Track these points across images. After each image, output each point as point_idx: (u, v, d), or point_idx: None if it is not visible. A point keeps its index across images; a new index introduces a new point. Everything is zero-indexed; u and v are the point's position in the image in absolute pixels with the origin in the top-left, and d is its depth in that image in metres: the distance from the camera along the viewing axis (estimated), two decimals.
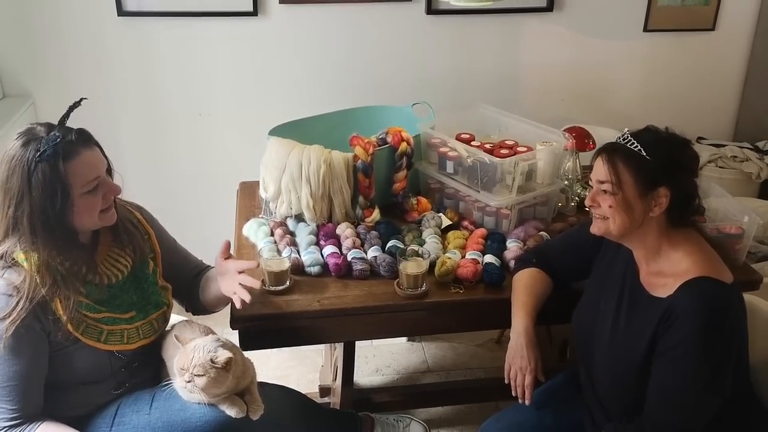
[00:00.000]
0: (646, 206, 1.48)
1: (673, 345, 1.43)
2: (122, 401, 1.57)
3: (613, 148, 1.51)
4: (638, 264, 1.58)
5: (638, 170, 1.47)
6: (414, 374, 2.73)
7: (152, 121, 2.95)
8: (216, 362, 1.46)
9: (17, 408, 1.45)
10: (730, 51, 3.22)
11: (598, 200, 1.53)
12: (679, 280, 1.45)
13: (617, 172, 1.48)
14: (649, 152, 1.47)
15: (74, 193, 1.45)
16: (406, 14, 2.92)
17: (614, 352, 1.56)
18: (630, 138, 1.50)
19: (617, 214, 1.50)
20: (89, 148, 1.48)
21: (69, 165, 1.43)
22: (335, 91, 2.95)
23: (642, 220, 1.50)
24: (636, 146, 1.48)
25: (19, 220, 1.43)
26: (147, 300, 1.64)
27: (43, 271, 1.44)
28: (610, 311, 1.59)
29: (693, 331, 1.40)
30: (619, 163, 1.49)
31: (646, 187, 1.47)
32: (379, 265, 1.87)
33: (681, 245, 1.50)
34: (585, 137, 2.32)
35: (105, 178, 1.52)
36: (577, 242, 1.76)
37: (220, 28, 2.83)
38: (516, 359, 1.66)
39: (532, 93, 3.14)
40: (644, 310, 1.51)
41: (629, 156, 1.48)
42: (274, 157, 2.03)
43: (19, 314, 1.41)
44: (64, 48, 2.78)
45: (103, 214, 1.53)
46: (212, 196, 3.03)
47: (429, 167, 2.21)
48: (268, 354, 2.72)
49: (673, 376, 1.44)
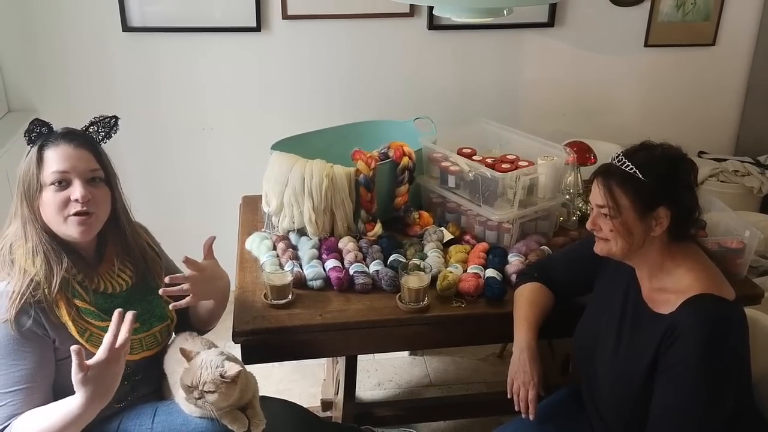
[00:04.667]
0: (647, 227, 1.47)
1: (674, 363, 1.42)
2: (125, 415, 1.57)
3: (609, 172, 1.49)
4: (640, 281, 1.57)
5: (635, 193, 1.45)
6: (416, 388, 2.73)
7: (156, 135, 2.97)
8: (226, 377, 1.47)
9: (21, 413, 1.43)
10: (730, 66, 3.24)
11: (599, 223, 1.52)
12: (682, 297, 1.45)
13: (614, 197, 1.47)
14: (644, 173, 1.44)
15: (42, 181, 1.47)
16: (409, 30, 2.94)
17: (617, 369, 1.56)
18: (624, 159, 1.47)
19: (618, 237, 1.49)
20: (74, 146, 1.49)
21: (44, 152, 1.48)
22: (337, 105, 2.97)
23: (643, 241, 1.48)
24: (631, 168, 1.46)
25: (16, 205, 1.50)
26: (151, 313, 1.64)
27: (41, 272, 1.45)
28: (613, 328, 1.58)
29: (695, 349, 1.39)
30: (615, 187, 1.47)
31: (645, 209, 1.46)
32: (381, 279, 1.88)
33: (683, 261, 1.50)
34: (586, 152, 2.33)
35: (78, 180, 1.48)
36: (579, 257, 1.76)
37: (224, 43, 2.86)
38: (519, 374, 1.66)
39: (533, 108, 3.15)
40: (647, 327, 1.51)
41: (625, 179, 1.46)
42: (276, 171, 2.04)
43: (18, 314, 1.41)
44: (69, 63, 2.80)
45: (72, 221, 1.48)
46: (215, 210, 3.04)
47: (431, 182, 2.22)
48: (270, 368, 2.72)
49: (675, 395, 1.43)
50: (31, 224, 1.49)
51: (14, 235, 1.50)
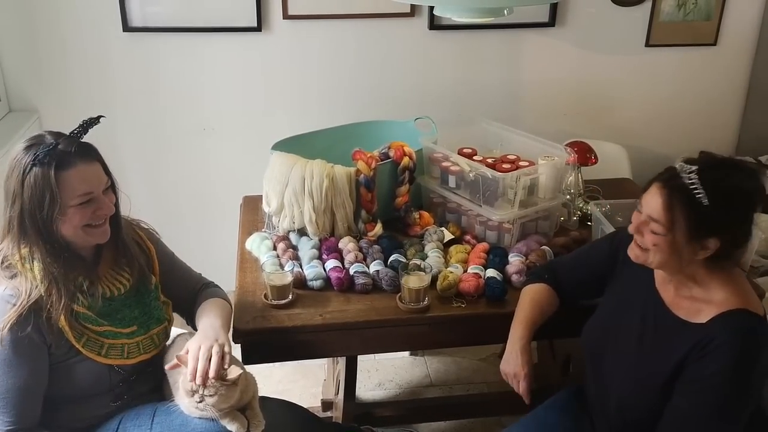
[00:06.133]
0: (692, 251, 1.40)
1: (704, 375, 1.40)
2: (124, 415, 1.57)
3: (675, 186, 1.38)
4: (663, 286, 1.53)
5: (696, 218, 1.36)
6: (416, 388, 2.73)
7: (156, 135, 2.97)
8: (227, 380, 1.47)
9: (14, 420, 1.45)
10: (732, 65, 3.23)
11: (643, 231, 1.44)
12: (716, 309, 1.41)
13: (672, 216, 1.37)
14: (713, 200, 1.34)
15: (63, 203, 1.44)
16: (409, 30, 2.94)
17: (637, 370, 1.53)
18: (695, 178, 1.35)
19: (659, 253, 1.42)
20: (87, 162, 1.47)
21: (61, 174, 1.43)
22: (338, 105, 2.97)
23: (681, 261, 1.42)
24: (700, 192, 1.34)
25: (12, 219, 1.46)
26: (149, 315, 1.64)
27: (42, 279, 1.45)
28: (633, 330, 1.55)
29: (728, 364, 1.37)
30: (677, 205, 1.37)
31: (699, 235, 1.38)
32: (381, 279, 1.88)
33: (718, 274, 1.44)
34: (587, 152, 2.33)
35: (99, 194, 1.49)
36: (590, 260, 1.75)
37: (225, 43, 2.85)
38: (510, 366, 1.67)
39: (534, 108, 3.15)
40: (673, 334, 1.47)
41: (690, 200, 1.35)
42: (277, 171, 2.04)
43: (18, 321, 1.41)
44: (70, 63, 2.80)
45: (92, 230, 1.50)
46: (216, 210, 3.04)
47: (431, 182, 2.22)
48: (271, 368, 2.72)
49: (698, 405, 1.41)
50: (35, 240, 1.46)
51: (9, 250, 1.48)
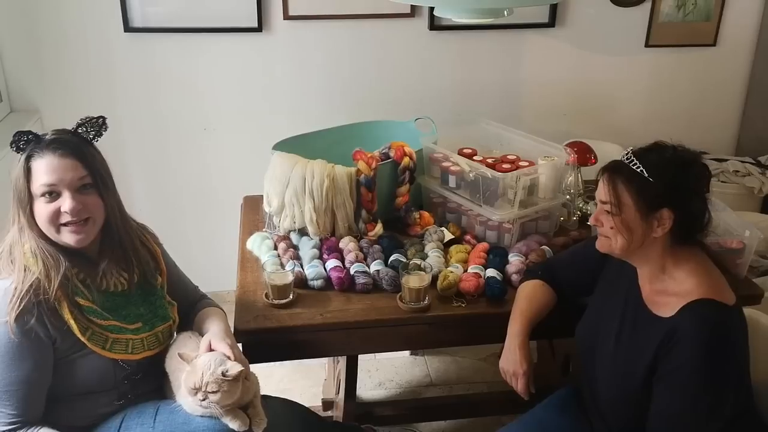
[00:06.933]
0: (648, 227, 1.46)
1: (672, 369, 1.42)
2: (126, 413, 1.57)
3: (615, 169, 1.49)
4: (641, 282, 1.57)
5: (639, 193, 1.44)
6: (417, 388, 2.73)
7: (157, 135, 2.97)
8: (228, 375, 1.47)
9: (17, 413, 1.46)
10: (731, 66, 3.24)
11: (602, 219, 1.52)
12: (682, 301, 1.44)
13: (617, 194, 1.46)
14: (652, 174, 1.43)
15: (33, 192, 1.47)
16: (410, 30, 2.94)
17: (616, 369, 1.56)
18: (633, 158, 1.46)
19: (618, 235, 1.49)
20: (60, 155, 1.46)
21: (30, 162, 1.47)
22: (338, 106, 2.97)
23: (643, 241, 1.48)
24: (639, 167, 1.45)
25: (12, 210, 1.50)
26: (154, 313, 1.64)
27: (35, 262, 1.46)
28: (613, 328, 1.58)
29: (693, 355, 1.39)
30: (620, 184, 1.46)
31: (648, 210, 1.45)
32: (381, 278, 1.88)
33: (685, 264, 1.49)
34: (587, 152, 2.33)
35: (66, 191, 1.47)
36: (583, 258, 1.76)
37: (225, 43, 2.86)
38: (509, 364, 1.68)
39: (534, 108, 3.16)
40: (646, 329, 1.50)
41: (631, 177, 1.45)
42: (277, 171, 2.04)
43: (22, 311, 1.42)
44: (71, 63, 2.81)
45: (66, 230, 1.48)
46: (216, 210, 3.05)
47: (431, 182, 2.23)
48: (272, 367, 2.73)
49: (673, 402, 1.43)
50: (28, 229, 1.49)
51: (12, 239, 1.51)
